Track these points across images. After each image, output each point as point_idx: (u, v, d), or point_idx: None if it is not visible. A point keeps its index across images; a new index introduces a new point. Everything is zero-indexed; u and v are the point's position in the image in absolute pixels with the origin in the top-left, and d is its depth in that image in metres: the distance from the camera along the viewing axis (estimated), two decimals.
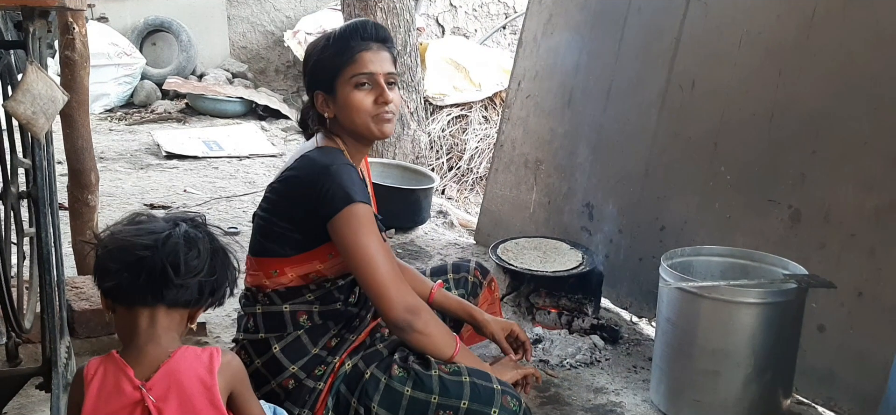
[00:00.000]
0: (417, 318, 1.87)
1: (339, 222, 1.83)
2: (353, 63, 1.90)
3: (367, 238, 1.84)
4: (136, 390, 1.40)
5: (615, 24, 3.50)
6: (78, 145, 2.97)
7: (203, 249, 1.46)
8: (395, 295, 1.85)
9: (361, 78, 1.90)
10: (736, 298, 2.33)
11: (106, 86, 7.31)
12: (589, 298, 3.12)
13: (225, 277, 1.51)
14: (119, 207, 4.54)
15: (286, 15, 8.67)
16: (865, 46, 2.55)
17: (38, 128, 1.73)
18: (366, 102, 1.91)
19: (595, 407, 2.58)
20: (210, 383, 1.43)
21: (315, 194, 1.84)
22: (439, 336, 1.92)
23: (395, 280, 1.86)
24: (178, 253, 1.42)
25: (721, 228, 2.93)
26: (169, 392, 1.41)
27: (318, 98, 1.96)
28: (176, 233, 1.45)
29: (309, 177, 1.87)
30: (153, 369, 1.42)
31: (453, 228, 4.58)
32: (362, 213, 1.84)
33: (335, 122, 1.96)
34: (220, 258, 1.51)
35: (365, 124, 1.92)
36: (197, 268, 1.45)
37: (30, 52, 1.78)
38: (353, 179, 1.86)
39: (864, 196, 2.52)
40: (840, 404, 2.54)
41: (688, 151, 3.11)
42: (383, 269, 1.84)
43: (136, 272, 1.42)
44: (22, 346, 2.15)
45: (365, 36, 1.92)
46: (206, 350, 1.48)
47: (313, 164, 1.89)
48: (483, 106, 6.49)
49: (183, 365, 1.43)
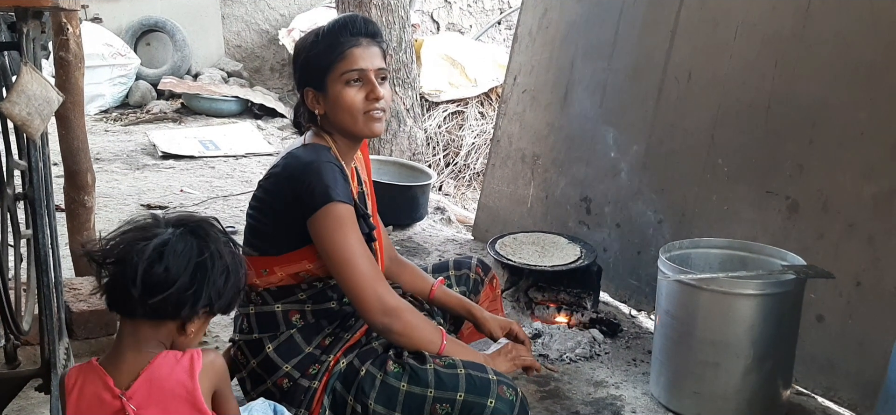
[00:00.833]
0: (396, 320, 1.86)
1: (317, 221, 1.82)
2: (344, 60, 1.89)
3: (344, 238, 1.82)
4: (115, 398, 1.38)
5: (610, 17, 3.49)
6: (74, 147, 2.96)
7: (176, 262, 1.37)
8: (371, 297, 1.84)
9: (352, 74, 1.89)
10: (735, 290, 2.33)
11: (101, 87, 7.30)
12: (588, 292, 3.12)
13: (210, 286, 1.41)
14: (116, 207, 4.53)
15: (280, 13, 8.66)
16: (862, 35, 2.55)
17: (33, 129, 1.72)
18: (357, 99, 1.89)
19: (595, 400, 2.58)
20: (191, 387, 1.41)
21: (297, 192, 1.83)
22: (421, 336, 1.91)
23: (372, 281, 1.85)
24: (138, 268, 1.35)
25: (719, 219, 2.93)
26: (149, 399, 1.39)
27: (309, 95, 1.95)
28: (151, 244, 1.37)
29: (292, 174, 1.86)
30: (133, 377, 1.40)
31: (451, 225, 4.58)
32: (341, 212, 1.82)
33: (326, 118, 1.94)
34: (211, 265, 1.41)
35: (355, 122, 1.91)
36: (165, 282, 1.36)
37: (24, 53, 1.77)
38: (335, 177, 1.83)
39: (862, 185, 2.52)
40: (840, 394, 2.54)
41: (685, 142, 3.11)
42: (360, 270, 1.83)
43: (111, 285, 1.40)
44: (20, 348, 2.15)
45: (354, 31, 1.90)
46: (186, 353, 1.44)
47: (297, 161, 1.87)
48: (479, 102, 6.48)
49: (163, 371, 1.40)
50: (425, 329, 1.93)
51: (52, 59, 2.89)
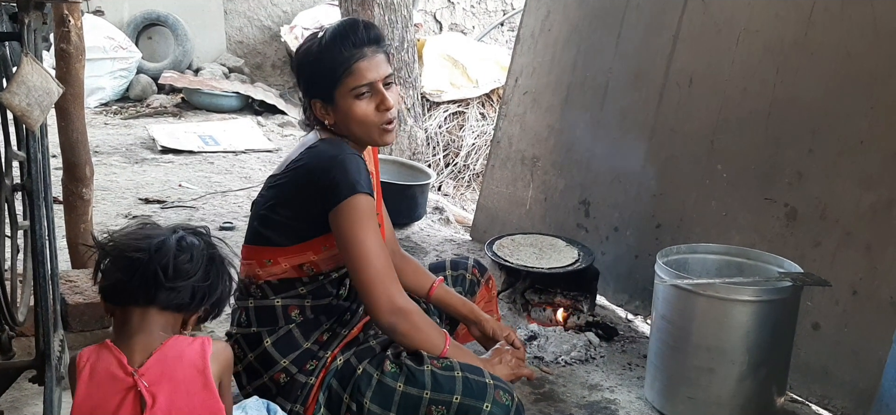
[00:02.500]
0: (403, 320, 1.87)
1: (340, 212, 1.83)
2: (351, 75, 1.89)
3: (364, 232, 1.83)
4: (128, 375, 1.42)
5: (613, 21, 3.49)
6: (72, 139, 2.96)
7: (197, 254, 1.52)
8: (381, 294, 1.85)
9: (361, 89, 1.90)
10: (731, 296, 2.33)
11: (101, 79, 7.29)
12: (585, 295, 3.12)
13: (220, 285, 1.56)
14: (114, 200, 4.53)
15: (283, 10, 8.65)
16: (863, 44, 2.55)
17: (32, 120, 1.72)
18: (368, 112, 1.91)
19: (589, 404, 2.58)
20: (203, 368, 1.47)
21: (323, 183, 1.84)
22: (424, 338, 1.91)
23: (385, 279, 1.85)
24: (169, 256, 1.48)
25: (717, 225, 2.93)
26: (162, 377, 1.44)
27: (317, 106, 1.96)
28: (171, 239, 1.51)
29: (318, 166, 1.87)
30: (146, 356, 1.45)
31: (449, 225, 4.58)
32: (364, 205, 1.83)
33: (337, 126, 1.96)
34: (217, 267, 1.56)
35: (369, 134, 1.94)
36: (188, 272, 1.50)
37: (25, 44, 1.77)
38: (360, 169, 1.86)
39: (860, 194, 2.52)
40: (834, 402, 2.54)
41: (685, 148, 3.11)
42: (375, 266, 1.84)
43: (130, 273, 1.47)
44: (15, 339, 2.14)
45: (357, 42, 1.89)
46: (197, 339, 1.51)
47: (322, 153, 1.89)
48: (480, 102, 6.47)
49: (175, 351, 1.47)
50: (430, 332, 1.93)
51: (54, 50, 2.89)
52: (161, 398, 1.41)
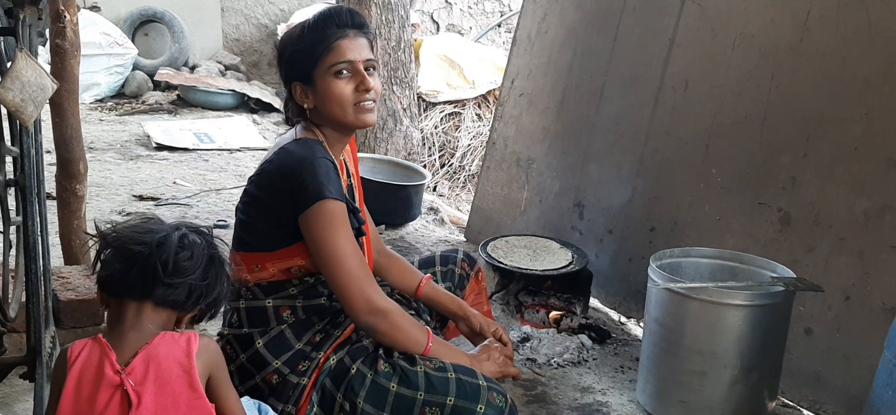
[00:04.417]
0: (382, 320, 1.86)
1: (309, 217, 1.82)
2: (331, 52, 1.88)
3: (334, 236, 1.82)
4: (116, 374, 1.42)
5: (609, 24, 3.50)
6: (67, 134, 2.95)
7: (198, 253, 1.51)
8: (357, 295, 1.84)
9: (340, 66, 1.88)
10: (724, 300, 2.34)
11: (97, 75, 7.27)
12: (578, 298, 3.12)
13: (218, 286, 1.55)
14: (108, 197, 4.52)
15: (280, 8, 8.64)
16: (858, 51, 2.56)
17: (26, 115, 1.72)
18: (346, 91, 1.89)
19: (581, 406, 2.58)
20: (188, 366, 1.46)
21: (290, 187, 1.82)
22: (405, 337, 1.90)
23: (360, 280, 1.85)
24: (170, 252, 1.47)
25: (711, 229, 2.94)
26: (147, 376, 1.43)
27: (297, 89, 1.94)
28: (174, 235, 1.50)
29: (285, 169, 1.85)
30: (133, 354, 1.45)
31: (444, 225, 4.58)
32: (333, 210, 1.82)
33: (315, 112, 1.94)
34: (217, 268, 1.55)
35: (346, 114, 1.91)
36: (187, 270, 1.49)
37: (19, 39, 1.77)
38: (328, 173, 1.83)
39: (853, 200, 2.53)
40: (825, 407, 2.55)
41: (680, 152, 3.12)
42: (347, 268, 1.83)
43: (129, 266, 1.47)
44: (6, 335, 2.14)
45: (340, 23, 1.89)
46: (184, 334, 1.50)
47: (289, 156, 1.87)
48: (476, 104, 6.48)
49: (161, 349, 1.46)
50: (411, 331, 1.92)
51: (49, 46, 2.88)
52: (147, 398, 1.41)
